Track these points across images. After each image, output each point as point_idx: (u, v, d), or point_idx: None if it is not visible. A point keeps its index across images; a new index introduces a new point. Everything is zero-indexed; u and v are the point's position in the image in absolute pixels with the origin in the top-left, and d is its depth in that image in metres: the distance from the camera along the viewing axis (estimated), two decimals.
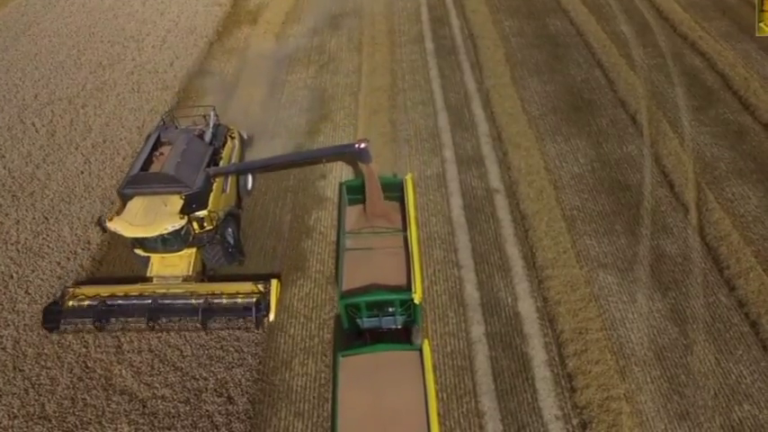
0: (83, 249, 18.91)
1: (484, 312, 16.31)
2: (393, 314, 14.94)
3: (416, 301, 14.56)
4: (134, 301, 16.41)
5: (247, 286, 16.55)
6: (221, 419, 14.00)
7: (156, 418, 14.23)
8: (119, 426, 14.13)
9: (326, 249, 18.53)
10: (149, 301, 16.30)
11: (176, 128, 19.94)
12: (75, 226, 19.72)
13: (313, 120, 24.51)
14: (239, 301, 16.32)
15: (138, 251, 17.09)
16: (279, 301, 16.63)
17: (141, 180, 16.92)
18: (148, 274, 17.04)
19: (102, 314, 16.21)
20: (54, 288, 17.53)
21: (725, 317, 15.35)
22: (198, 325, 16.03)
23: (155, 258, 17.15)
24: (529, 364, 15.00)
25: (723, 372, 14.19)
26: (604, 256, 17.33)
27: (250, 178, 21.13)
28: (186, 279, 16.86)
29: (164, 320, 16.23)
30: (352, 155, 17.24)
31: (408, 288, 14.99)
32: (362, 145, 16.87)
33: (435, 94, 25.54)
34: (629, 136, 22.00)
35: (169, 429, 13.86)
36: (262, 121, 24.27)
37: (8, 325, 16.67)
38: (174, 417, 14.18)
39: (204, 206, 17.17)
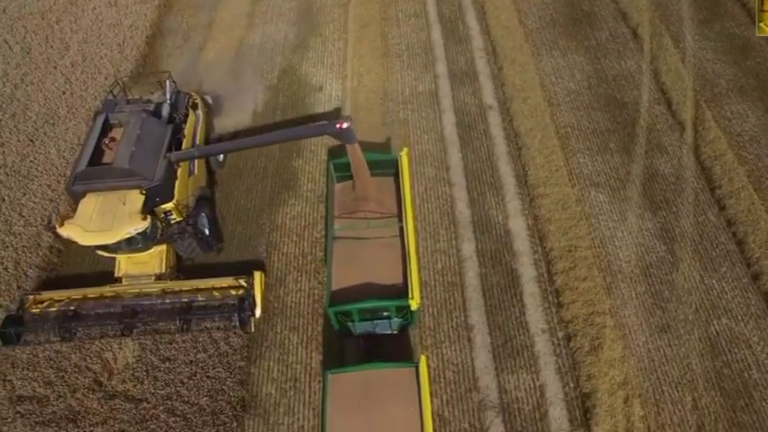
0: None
1: (475, 230, 16.46)
2: (388, 318, 13.88)
3: (413, 308, 13.25)
4: (102, 310, 14.55)
5: (229, 281, 14.88)
6: (219, 334, 14.36)
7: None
8: None
9: (317, 168, 18.37)
10: (119, 309, 14.52)
11: (127, 103, 16.76)
12: (61, 148, 19.28)
13: (302, 34, 23.59)
14: (221, 299, 14.58)
15: (101, 252, 15.00)
16: (264, 295, 15.02)
17: (92, 175, 14.43)
18: (117, 275, 15.07)
19: (68, 324, 14.33)
20: (47, 210, 17.38)
21: (712, 235, 15.59)
22: (177, 327, 14.34)
23: (121, 257, 15.16)
24: (518, 280, 15.33)
25: (706, 288, 14.60)
26: (597, 174, 17.30)
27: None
28: (160, 277, 14.97)
29: (139, 327, 14.42)
30: (333, 135, 14.78)
31: (405, 289, 13.52)
32: (345, 124, 14.29)
33: (428, 6, 24.49)
34: (629, 51, 21.38)
35: (170, 344, 14.24)
36: (248, 36, 23.36)
37: (7, 247, 16.73)
38: (173, 332, 14.49)
39: (170, 197, 14.88)
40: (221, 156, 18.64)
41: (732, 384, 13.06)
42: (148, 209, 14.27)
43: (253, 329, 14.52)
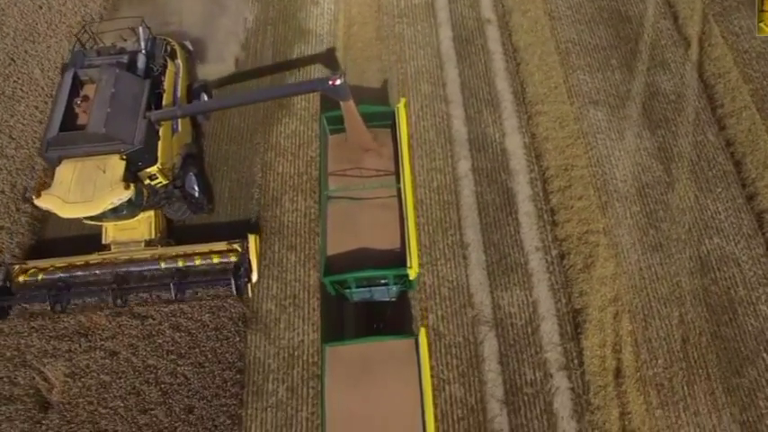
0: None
1: (471, 148, 16.19)
2: (386, 285, 13.33)
3: (412, 276, 12.69)
4: (93, 279, 13.85)
5: (223, 245, 14.03)
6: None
7: None
8: None
9: None
10: (110, 278, 13.80)
11: (98, 54, 14.86)
12: (45, 67, 18.29)
13: None
14: (216, 265, 13.85)
15: (86, 221, 13.87)
16: (260, 256, 14.41)
17: (65, 140, 13.10)
18: (104, 242, 14.18)
19: (59, 294, 13.60)
20: (37, 133, 16.71)
21: (710, 156, 15.39)
22: (171, 296, 13.63)
23: (108, 224, 14.16)
24: (513, 199, 15.28)
25: (700, 208, 14.60)
26: (597, 92, 16.82)
27: (206, 98, 16.82)
28: (149, 243, 14.12)
29: (131, 296, 13.85)
30: (326, 92, 13.61)
31: (403, 254, 12.85)
32: (338, 81, 13.03)
33: None
34: None
35: None
36: None
37: (1, 170, 16.31)
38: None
39: (153, 161, 13.57)
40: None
41: (718, 300, 13.37)
42: (131, 175, 13.10)
43: (250, 294, 14.01)
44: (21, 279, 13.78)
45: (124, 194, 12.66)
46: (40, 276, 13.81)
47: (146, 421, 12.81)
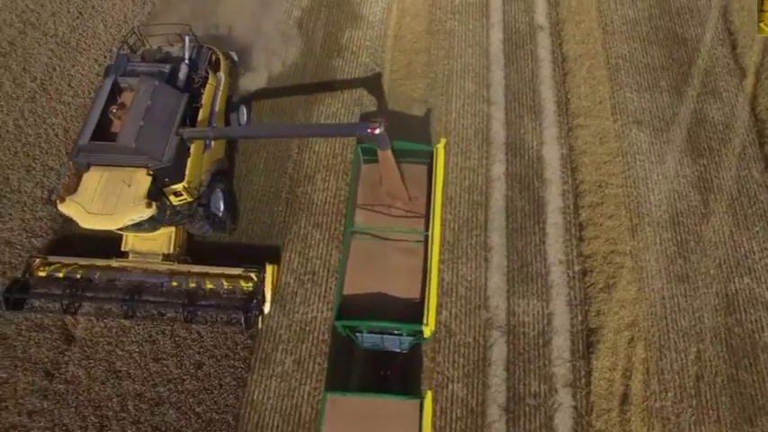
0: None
1: (507, 152, 14.80)
2: (399, 335, 11.39)
3: (426, 335, 10.87)
4: (106, 288, 12.51)
5: (239, 271, 12.43)
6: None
7: None
8: None
9: (356, 71, 16.40)
10: (125, 289, 12.44)
11: (142, 59, 13.37)
12: (108, 24, 17.56)
13: None
14: (228, 294, 12.31)
15: None
16: (276, 287, 12.88)
17: (95, 149, 11.84)
18: (123, 248, 12.90)
19: (72, 299, 12.46)
20: (93, 84, 16.02)
21: (752, 192, 13.70)
22: (180, 317, 12.33)
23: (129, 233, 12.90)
24: (543, 208, 13.89)
25: (734, 244, 13.01)
26: (642, 112, 15.20)
27: (245, 112, 15.15)
28: (167, 257, 12.79)
29: (142, 311, 12.50)
30: (364, 138, 11.59)
31: (421, 307, 10.99)
32: (377, 130, 10.90)
33: None
34: None
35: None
36: None
37: (57, 114, 15.73)
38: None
39: (180, 178, 12.20)
40: (244, 117, 15.15)
41: (740, 342, 11.88)
42: (156, 190, 11.88)
43: (260, 327, 12.50)
44: (41, 273, 12.57)
45: (145, 213, 11.37)
46: (59, 273, 12.55)
47: (156, 369, 12.24)
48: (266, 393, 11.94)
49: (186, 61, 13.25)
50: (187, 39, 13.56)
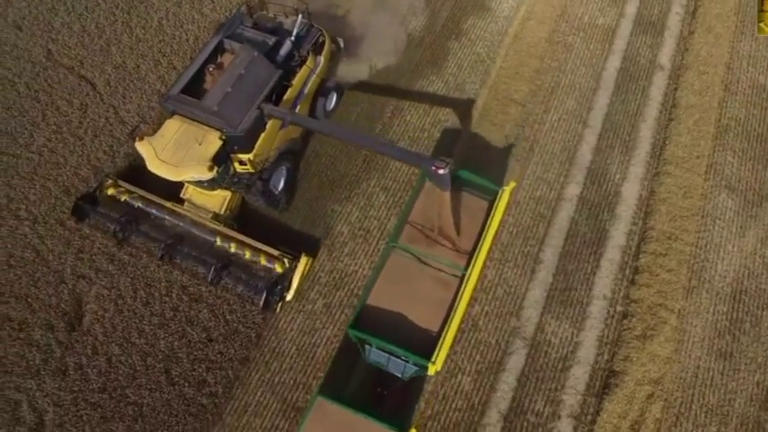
0: (239, 7, 15.55)
1: (587, 176, 13.59)
2: (405, 361, 10.29)
3: (430, 372, 10.03)
4: (154, 225, 12.22)
5: (276, 253, 11.71)
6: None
7: None
8: None
9: (467, 57, 15.45)
10: (170, 233, 12.11)
11: (254, 25, 12.88)
12: None
13: None
14: (258, 271, 11.71)
15: None
16: (305, 277, 11.95)
17: (183, 101, 11.54)
18: (181, 195, 12.47)
19: (127, 227, 12.20)
20: (232, 5, 15.93)
21: None
22: (207, 278, 11.76)
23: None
24: (604, 241, 12.70)
25: None
26: (738, 179, 13.51)
27: (334, 98, 14.11)
28: (216, 217, 12.20)
29: (177, 260, 12.06)
30: (427, 174, 10.60)
31: (435, 342, 10.05)
32: (440, 170, 9.75)
33: None
34: None
35: None
36: None
37: (194, 22, 15.82)
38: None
39: (249, 149, 11.73)
40: (332, 103, 14.07)
41: None
42: (222, 156, 11.39)
43: (278, 311, 11.74)
44: (109, 192, 12.50)
45: (205, 175, 11.01)
46: (123, 198, 12.40)
47: (203, 273, 11.83)
48: (291, 325, 11.72)
49: (292, 38, 12.56)
50: (300, 16, 12.83)
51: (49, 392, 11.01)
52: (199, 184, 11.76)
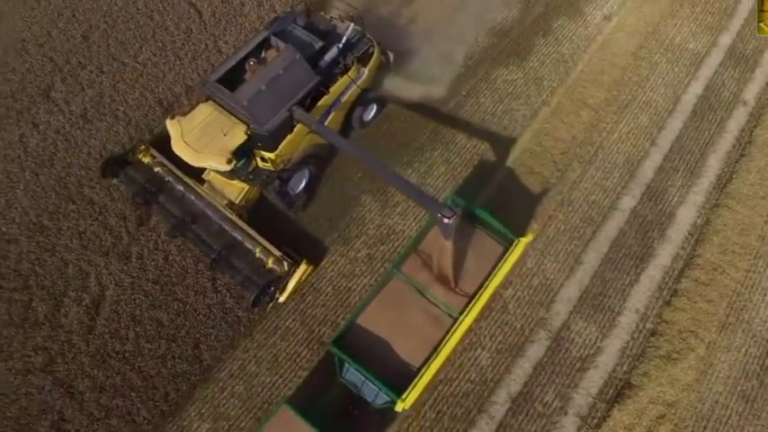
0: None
1: (644, 192, 12.01)
2: (378, 389, 8.92)
3: (397, 408, 8.68)
4: (171, 198, 11.02)
5: (277, 254, 10.39)
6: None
7: None
8: None
9: (550, 56, 13.81)
10: (184, 209, 10.90)
11: (306, 25, 11.28)
12: None
13: None
14: (256, 266, 10.42)
15: None
16: (300, 285, 10.53)
17: (216, 89, 10.41)
18: (203, 177, 11.19)
19: (147, 195, 11.06)
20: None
21: None
22: (208, 261, 10.59)
23: None
24: (649, 258, 11.23)
25: None
26: None
27: (374, 110, 12.28)
28: (230, 206, 10.90)
29: (186, 236, 10.83)
30: (433, 218, 9.01)
31: (412, 379, 8.72)
32: (446, 219, 8.21)
33: None
34: None
35: None
36: None
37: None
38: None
39: (272, 149, 10.53)
40: (371, 114, 12.29)
41: None
42: (245, 150, 10.32)
43: (267, 310, 10.45)
44: (140, 156, 11.38)
45: (223, 166, 10.00)
46: (150, 165, 11.26)
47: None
48: (332, 266, 10.97)
49: (340, 45, 11.03)
50: (351, 25, 11.26)
51: (113, 272, 10.81)
52: (218, 171, 10.62)
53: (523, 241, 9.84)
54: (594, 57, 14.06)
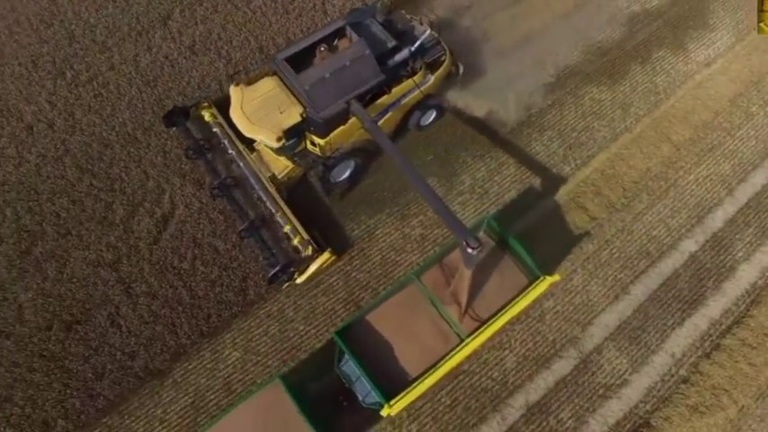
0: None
1: (708, 240, 11.05)
2: (369, 389, 8.44)
3: (383, 413, 8.10)
4: (222, 162, 10.69)
5: (305, 237, 9.87)
6: None
7: None
8: None
9: (642, 82, 12.83)
10: (228, 176, 10.50)
11: (384, 24, 10.60)
12: None
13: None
14: (282, 243, 9.95)
15: None
16: (321, 271, 10.08)
17: (283, 67, 9.99)
18: (255, 146, 10.75)
19: (198, 150, 10.75)
20: None
21: None
22: (239, 231, 10.14)
23: None
24: (697, 306, 10.37)
25: None
26: None
27: (433, 115, 11.52)
28: (272, 179, 10.39)
29: (225, 202, 10.52)
30: (459, 244, 7.81)
31: (407, 386, 8.22)
32: (470, 249, 7.50)
33: None
34: None
35: None
36: None
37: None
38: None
39: (323, 135, 10.06)
40: (430, 119, 11.55)
41: None
42: (297, 131, 9.96)
43: (283, 287, 10.06)
44: (200, 112, 11.08)
45: (272, 143, 9.77)
46: (210, 122, 10.91)
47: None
48: (385, 237, 10.76)
49: (412, 48, 10.38)
50: (428, 31, 10.63)
51: (186, 195, 11.02)
52: (267, 145, 10.27)
53: (548, 280, 9.00)
54: (688, 94, 12.95)
